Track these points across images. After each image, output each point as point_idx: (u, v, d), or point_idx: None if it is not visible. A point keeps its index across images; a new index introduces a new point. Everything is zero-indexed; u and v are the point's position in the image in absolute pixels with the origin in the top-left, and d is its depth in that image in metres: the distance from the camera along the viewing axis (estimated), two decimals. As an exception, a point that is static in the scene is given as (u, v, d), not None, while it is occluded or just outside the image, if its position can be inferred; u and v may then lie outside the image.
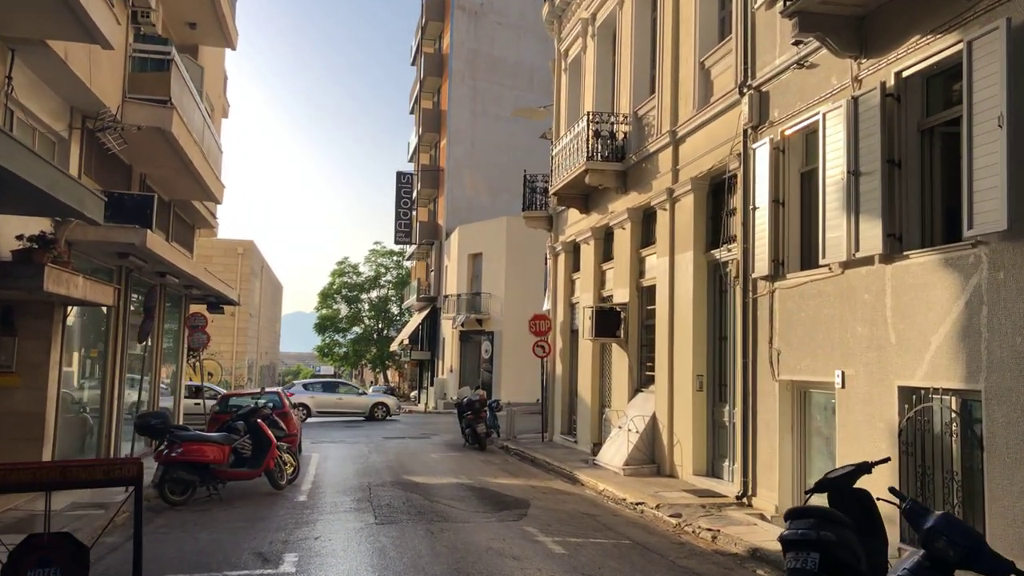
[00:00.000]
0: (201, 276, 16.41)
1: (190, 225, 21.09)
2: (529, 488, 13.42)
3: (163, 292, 18.13)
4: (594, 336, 16.31)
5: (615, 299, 16.94)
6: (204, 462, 11.33)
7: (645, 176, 15.72)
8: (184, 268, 14.58)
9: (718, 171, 13.01)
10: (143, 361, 17.73)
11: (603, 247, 18.51)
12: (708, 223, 13.67)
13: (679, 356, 13.95)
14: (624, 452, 14.70)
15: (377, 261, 69.31)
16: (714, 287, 13.50)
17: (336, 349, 70.99)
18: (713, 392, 13.41)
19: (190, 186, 16.67)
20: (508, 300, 38.34)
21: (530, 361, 39.12)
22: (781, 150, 11.03)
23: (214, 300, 21.45)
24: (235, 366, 34.84)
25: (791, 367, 10.50)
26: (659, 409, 14.57)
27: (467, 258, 41.10)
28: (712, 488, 12.55)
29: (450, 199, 46.57)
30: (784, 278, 10.77)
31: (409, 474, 14.87)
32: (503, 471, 15.70)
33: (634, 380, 16.10)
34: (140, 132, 12.62)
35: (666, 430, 14.21)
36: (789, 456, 10.71)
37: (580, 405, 19.08)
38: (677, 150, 14.46)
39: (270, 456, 12.03)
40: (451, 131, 47.02)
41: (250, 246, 35.45)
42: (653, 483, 13.32)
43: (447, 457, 18.20)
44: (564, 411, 20.79)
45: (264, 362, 44.09)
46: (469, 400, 20.28)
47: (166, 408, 17.84)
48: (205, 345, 19.61)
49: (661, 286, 14.72)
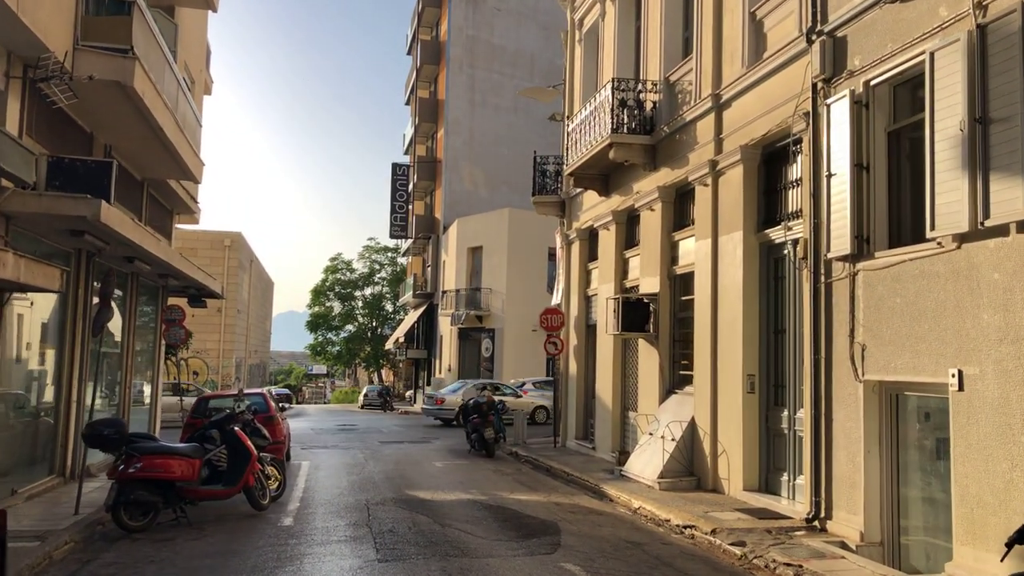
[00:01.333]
0: (176, 263, 14.49)
1: (168, 210, 19.14)
2: (553, 506, 11.54)
3: (135, 282, 16.20)
4: (619, 331, 14.43)
5: (642, 289, 15.08)
6: (169, 479, 9.41)
7: (679, 149, 13.86)
8: (154, 252, 12.66)
9: (774, 137, 11.17)
10: (118, 360, 15.82)
11: (626, 232, 16.64)
12: (760, 199, 11.82)
13: (724, 353, 12.09)
14: (658, 463, 12.84)
15: (371, 257, 67.45)
16: (768, 272, 11.65)
17: (329, 348, 69.07)
18: (767, 394, 11.55)
19: (164, 162, 14.73)
20: (510, 296, 36.48)
21: (533, 360, 37.44)
22: (864, 104, 9.17)
23: (195, 292, 19.50)
24: (222, 365, 32.87)
25: (881, 365, 8.65)
26: (699, 414, 12.72)
27: (466, 252, 39.20)
28: (770, 507, 10.70)
29: (448, 192, 44.68)
30: (871, 257, 8.91)
31: (412, 488, 12.98)
32: (518, 484, 13.82)
33: (666, 380, 14.24)
34: (98, 90, 10.71)
35: (708, 438, 12.36)
36: (877, 472, 8.85)
37: (599, 408, 17.21)
38: (720, 116, 12.61)
39: (249, 471, 10.12)
40: (449, 121, 45.12)
41: (238, 238, 33.49)
42: (696, 500, 11.46)
43: (452, 466, 16.30)
44: (579, 414, 18.92)
45: (253, 361, 42.12)
46: (475, 402, 18.39)
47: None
48: (183, 341, 17.67)
49: (701, 273, 12.86)
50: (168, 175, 15.92)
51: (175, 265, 14.41)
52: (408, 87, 53.96)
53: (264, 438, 11.21)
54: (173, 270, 15.07)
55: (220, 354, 32.76)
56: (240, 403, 13.76)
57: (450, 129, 45.11)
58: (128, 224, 10.92)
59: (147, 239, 12.16)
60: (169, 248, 14.05)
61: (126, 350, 15.91)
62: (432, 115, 47.49)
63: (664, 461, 12.71)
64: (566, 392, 19.65)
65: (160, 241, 13.17)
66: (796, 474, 10.74)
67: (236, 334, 34.17)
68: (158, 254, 12.93)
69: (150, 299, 18.66)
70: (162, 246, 13.23)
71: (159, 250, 13.07)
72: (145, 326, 18.36)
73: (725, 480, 11.94)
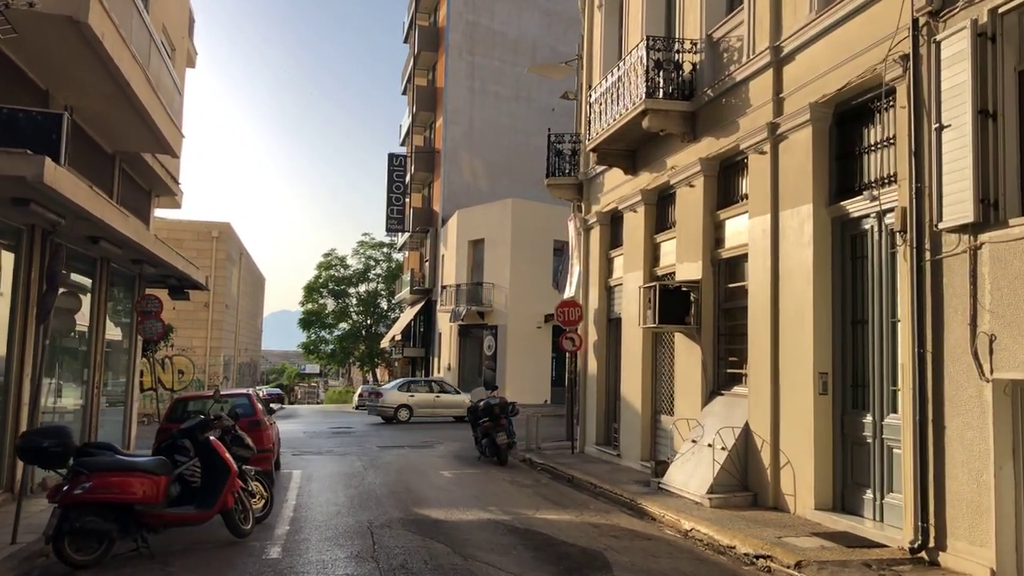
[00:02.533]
0: (150, 245, 12.66)
1: (145, 191, 17.31)
2: (590, 528, 9.76)
3: (105, 268, 14.37)
4: (655, 324, 12.64)
5: (679, 276, 13.30)
6: (127, 501, 7.58)
7: (726, 114, 12.09)
8: (121, 229, 10.83)
9: (853, 91, 9.42)
10: (85, 357, 14.00)
11: (657, 213, 14.88)
12: (833, 165, 10.06)
13: (788, 347, 10.33)
14: (706, 475, 11.07)
15: (366, 253, 65.62)
16: (843, 252, 9.88)
17: (323, 346, 67.19)
18: (843, 396, 9.79)
19: (136, 129, 12.91)
20: (513, 291, 34.71)
21: (537, 358, 35.68)
22: (989, 37, 7.41)
23: (176, 283, 17.68)
24: (209, 363, 30.99)
25: (1020, 360, 6.89)
26: (754, 418, 10.95)
27: (467, 245, 37.39)
28: (853, 531, 8.93)
29: (446, 183, 42.87)
30: (1002, 225, 7.16)
31: (421, 505, 11.17)
32: (542, 498, 12.03)
33: (709, 380, 12.47)
34: (48, 31, 8.93)
35: (767, 447, 10.59)
36: (1012, 494, 7.10)
37: (625, 411, 15.43)
38: (780, 73, 10.84)
39: (228, 489, 8.29)
40: (448, 110, 43.31)
41: (226, 229, 31.61)
42: (758, 520, 9.70)
43: (463, 476, 14.50)
44: (600, 417, 17.13)
45: (243, 359, 40.24)
46: (486, 404, 16.55)
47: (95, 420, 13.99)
48: (160, 335, 15.80)
49: (756, 256, 11.09)
50: (142, 147, 14.08)
51: (148, 248, 12.58)
52: (405, 76, 52.14)
53: (248, 448, 9.40)
54: (147, 254, 13.25)
55: (207, 352, 30.87)
56: (220, 405, 11.96)
57: (449, 118, 43.31)
58: (84, 192, 9.09)
59: (111, 213, 10.33)
60: (142, 228, 12.24)
61: (95, 345, 14.08)
62: (430, 104, 45.67)
63: (714, 473, 10.94)
64: (584, 393, 17.86)
65: (128, 218, 11.33)
66: (884, 491, 8.98)
67: (224, 331, 32.27)
68: (126, 233, 11.10)
69: (126, 290, 16.84)
70: (131, 224, 11.39)
71: (128, 228, 11.24)
72: (119, 319, 16.53)
73: (790, 496, 10.18)
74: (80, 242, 11.94)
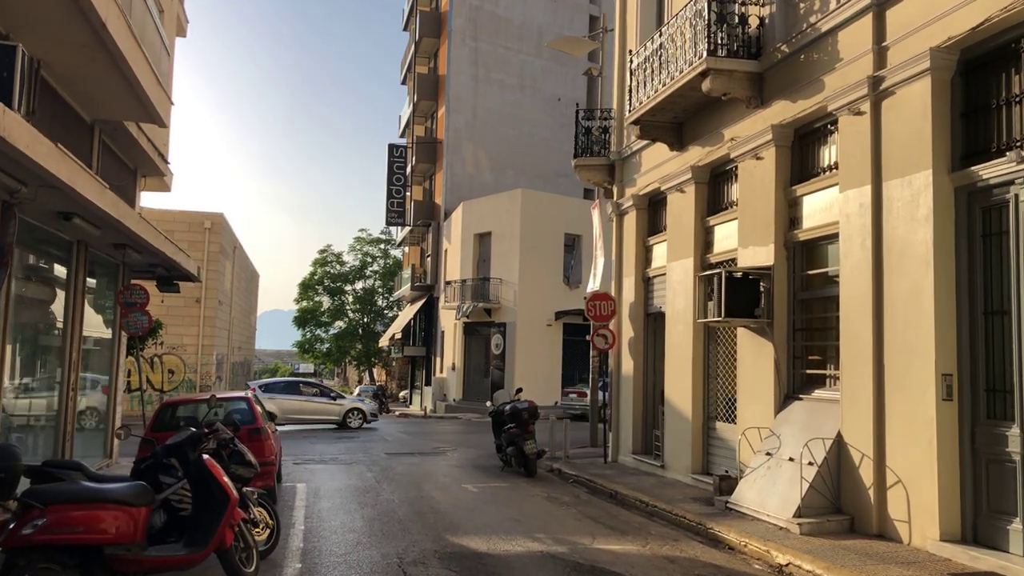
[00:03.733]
0: (132, 223, 10.86)
1: (131, 170, 15.52)
2: (665, 563, 8.03)
3: (83, 254, 12.59)
4: (723, 316, 10.90)
5: (741, 263, 11.58)
6: (94, 542, 5.80)
7: (806, 72, 10.37)
8: (96, 201, 9.05)
9: (989, 31, 7.71)
10: (59, 355, 12.23)
11: (710, 192, 13.17)
12: (958, 123, 8.35)
13: (897, 344, 8.61)
14: (792, 495, 9.35)
15: (363, 249, 63.83)
16: (972, 227, 8.17)
17: (318, 345, 65.37)
18: (972, 403, 8.07)
19: (118, 92, 11.13)
20: (523, 287, 32.94)
21: (548, 357, 33.82)
22: None
23: (164, 273, 15.88)
24: (201, 363, 29.12)
25: None
26: (850, 428, 9.24)
27: (472, 239, 35.60)
28: (1003, 571, 7.21)
29: (449, 175, 41.09)
30: None
31: (455, 531, 9.42)
32: (591, 520, 10.30)
33: (783, 383, 10.75)
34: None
35: (868, 462, 8.88)
36: None
37: (670, 416, 13.70)
38: (882, 17, 9.12)
39: (226, 522, 6.49)
40: (450, 98, 41.52)
41: (220, 220, 29.76)
42: (868, 552, 7.99)
43: (490, 491, 12.76)
44: (637, 423, 15.40)
45: (237, 358, 38.39)
46: (513, 408, 14.77)
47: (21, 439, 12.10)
48: (146, 330, 13.98)
49: (851, 235, 9.37)
50: (125, 113, 12.27)
51: (131, 227, 10.78)
52: (405, 64, 50.31)
53: (249, 466, 7.62)
54: (130, 236, 11.45)
55: (199, 350, 29.00)
56: (215, 411, 10.20)
57: (452, 107, 41.51)
58: (46, 149, 7.31)
59: (84, 180, 8.55)
60: (123, 204, 10.45)
61: (70, 342, 12.28)
62: (432, 92, 43.86)
63: (802, 493, 9.22)
64: (617, 396, 16.12)
65: (106, 191, 9.54)
66: (1039, 521, 7.28)
67: (218, 328, 30.42)
68: (102, 206, 9.31)
69: (109, 280, 15.05)
70: (109, 197, 9.60)
71: (105, 201, 9.45)
72: (103, 313, 14.74)
73: (901, 523, 8.46)
74: (50, 220, 10.17)
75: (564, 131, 46.76)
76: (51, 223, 10.35)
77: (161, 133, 15.16)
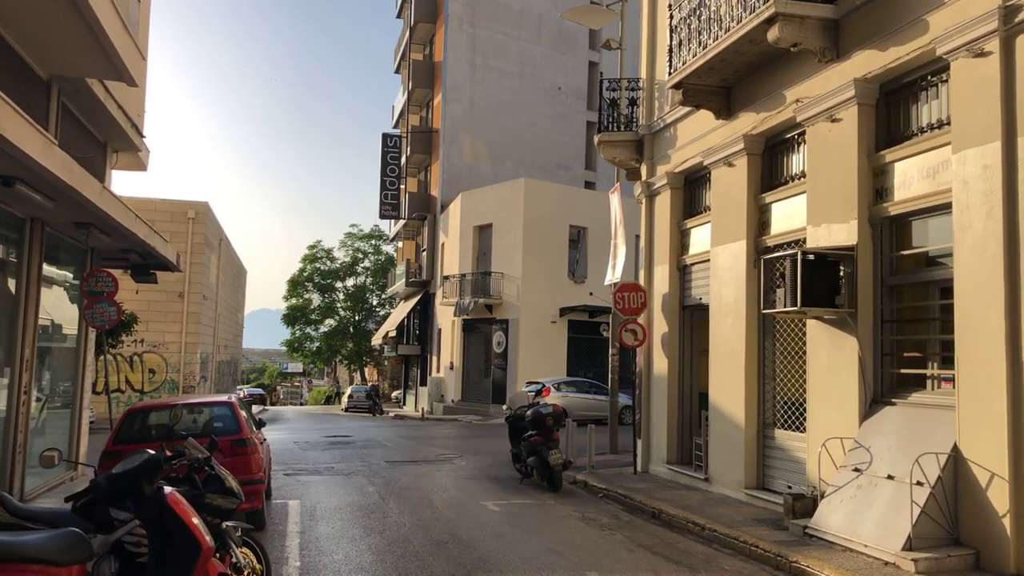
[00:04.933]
0: (92, 195, 9.03)
1: (99, 142, 13.68)
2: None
3: (38, 235, 10.76)
4: (799, 306, 9.18)
5: (812, 243, 9.87)
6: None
7: (900, 13, 8.67)
8: (39, 159, 7.25)
9: None
10: (6, 353, 10.41)
11: (764, 165, 11.47)
12: None
13: (1042, 336, 6.92)
14: (899, 522, 7.65)
15: (354, 245, 62.02)
16: None
17: (307, 344, 63.51)
18: None
19: (77, 39, 9.34)
20: (526, 281, 31.19)
21: (552, 355, 31.97)
22: None
23: (139, 259, 14.01)
24: (185, 361, 27.23)
25: None
26: (971, 441, 7.54)
27: (472, 231, 33.82)
28: None
29: (445, 166, 39.30)
30: None
31: (488, 568, 7.66)
32: (645, 550, 8.58)
33: (868, 384, 9.05)
34: None
35: (1003, 484, 7.18)
36: None
37: (717, 422, 11.98)
38: (1013, -63, 7.42)
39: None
40: (447, 86, 39.74)
41: (203, 209, 27.88)
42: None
43: (515, 510, 11.02)
44: (672, 429, 13.68)
45: (223, 357, 36.51)
46: (536, 413, 12.98)
47: None
48: (113, 323, 12.12)
49: (968, 205, 7.67)
50: (88, 68, 10.43)
51: (89, 197, 8.96)
52: (399, 52, 48.48)
53: (231, 495, 5.81)
54: (92, 211, 9.62)
55: (182, 348, 27.10)
56: (194, 416, 8.40)
57: (448, 95, 39.72)
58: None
59: (17, 126, 6.75)
60: (79, 170, 8.64)
61: (22, 336, 10.45)
62: (427, 80, 42.05)
63: (912, 520, 7.51)
64: (648, 399, 14.40)
65: (53, 148, 7.73)
66: None
67: (202, 324, 28.53)
68: (48, 166, 7.51)
69: (75, 267, 13.22)
70: (57, 156, 7.79)
71: (52, 161, 7.65)
72: (61, 303, 12.91)
73: (1049, 560, 6.76)
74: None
75: (565, 122, 45.18)
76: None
77: (134, 99, 13.32)
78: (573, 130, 43.63)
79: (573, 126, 43.65)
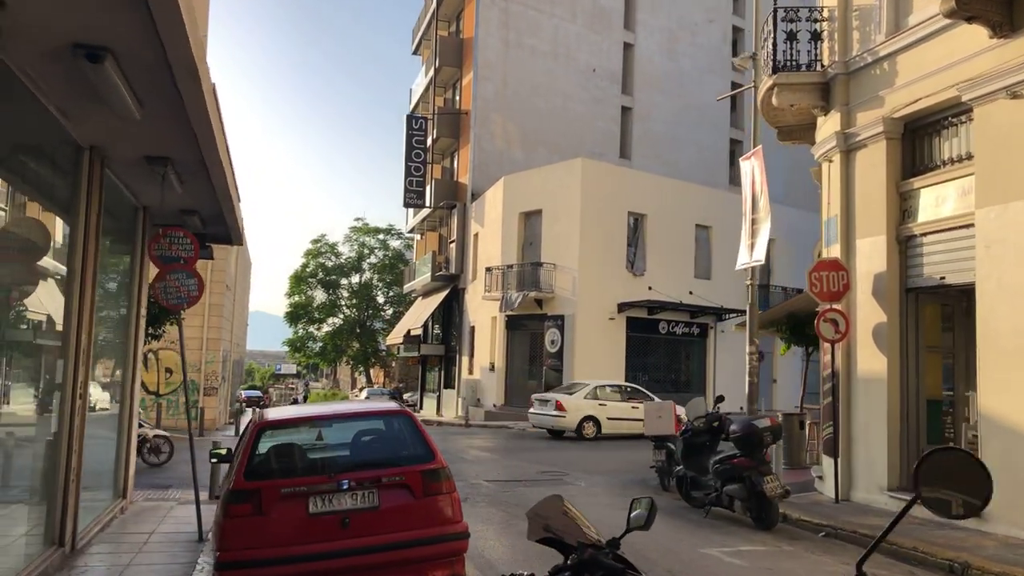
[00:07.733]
0: (206, 97, 5.84)
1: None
2: None
3: (96, 173, 7.55)
4: None
5: None
6: None
7: None
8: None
9: None
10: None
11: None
12: None
13: None
14: None
15: (359, 240, 58.63)
16: None
17: (310, 343, 60.05)
18: None
19: None
20: (583, 273, 28.12)
21: (611, 355, 28.73)
22: None
23: (199, 228, 10.75)
24: (206, 360, 23.90)
25: None
26: None
27: (517, 219, 30.72)
28: None
29: (476, 151, 36.18)
30: None
31: None
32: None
33: None
34: None
35: None
36: None
37: (998, 442, 8.95)
38: None
39: None
40: (478, 64, 36.63)
41: (228, 187, 24.55)
42: None
43: (755, 562, 7.94)
44: (893, 447, 10.66)
45: (234, 356, 33.16)
46: (749, 428, 9.73)
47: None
48: (193, 300, 8.79)
49: None
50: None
51: (194, 83, 5.77)
52: (419, 31, 45.32)
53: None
54: (193, 118, 6.42)
55: (204, 344, 23.78)
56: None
57: (480, 74, 36.60)
58: None
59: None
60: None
61: (78, 321, 7.23)
62: (455, 58, 38.89)
63: None
64: (849, 407, 11.37)
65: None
66: None
67: (223, 319, 25.24)
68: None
69: (122, 236, 9.97)
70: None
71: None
72: (106, 280, 9.67)
73: None
74: (42, 60, 5.19)
75: (599, 106, 42.09)
76: (44, 65, 5.35)
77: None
78: (608, 115, 40.65)
79: (608, 111, 40.67)
